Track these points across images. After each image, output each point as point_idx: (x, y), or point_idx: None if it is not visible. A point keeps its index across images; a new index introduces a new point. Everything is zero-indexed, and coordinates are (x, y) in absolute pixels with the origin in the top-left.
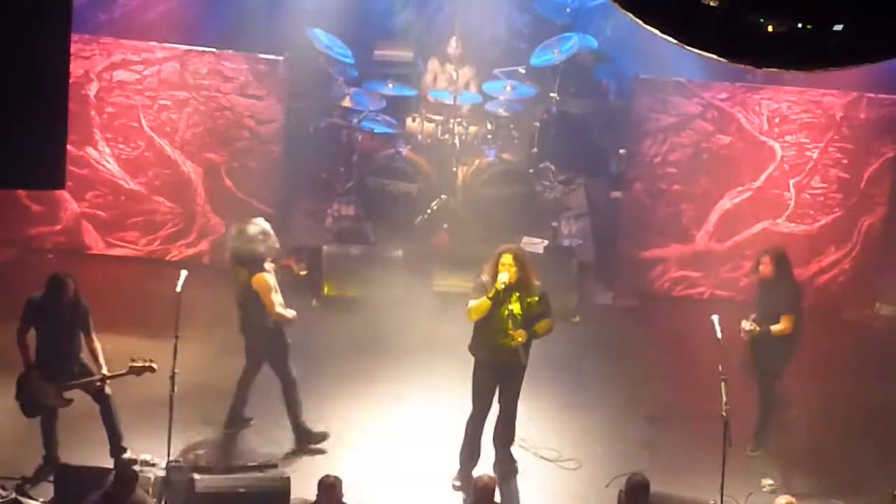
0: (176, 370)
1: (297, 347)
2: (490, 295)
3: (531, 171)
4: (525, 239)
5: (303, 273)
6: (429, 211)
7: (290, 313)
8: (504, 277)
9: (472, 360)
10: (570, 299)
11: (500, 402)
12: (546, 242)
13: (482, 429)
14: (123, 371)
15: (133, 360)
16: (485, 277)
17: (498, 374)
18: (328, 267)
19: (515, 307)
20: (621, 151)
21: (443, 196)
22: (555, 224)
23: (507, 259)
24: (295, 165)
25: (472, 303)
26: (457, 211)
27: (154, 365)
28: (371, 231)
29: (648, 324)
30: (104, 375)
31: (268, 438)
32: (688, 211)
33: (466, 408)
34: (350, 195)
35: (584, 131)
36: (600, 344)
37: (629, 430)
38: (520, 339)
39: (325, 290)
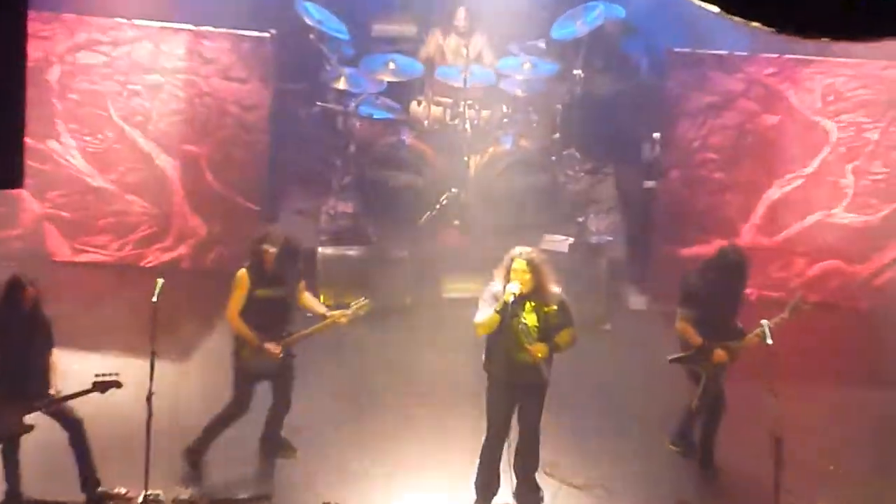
0: (153, 391)
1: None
2: (498, 308)
3: (553, 159)
4: (547, 237)
5: None
6: (437, 206)
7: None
8: (514, 288)
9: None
10: (599, 305)
11: (519, 424)
12: (571, 240)
13: (500, 455)
14: (86, 388)
15: (97, 375)
16: (495, 286)
17: (516, 392)
18: (323, 272)
19: (530, 319)
20: (655, 136)
21: (453, 189)
22: (581, 219)
23: (519, 265)
24: (284, 157)
25: (480, 316)
26: (469, 206)
27: (119, 380)
28: (372, 231)
29: None
30: (61, 396)
31: (259, 468)
32: (731, 202)
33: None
34: (347, 190)
35: (613, 113)
36: (634, 355)
37: (666, 452)
38: (539, 355)
39: (321, 298)
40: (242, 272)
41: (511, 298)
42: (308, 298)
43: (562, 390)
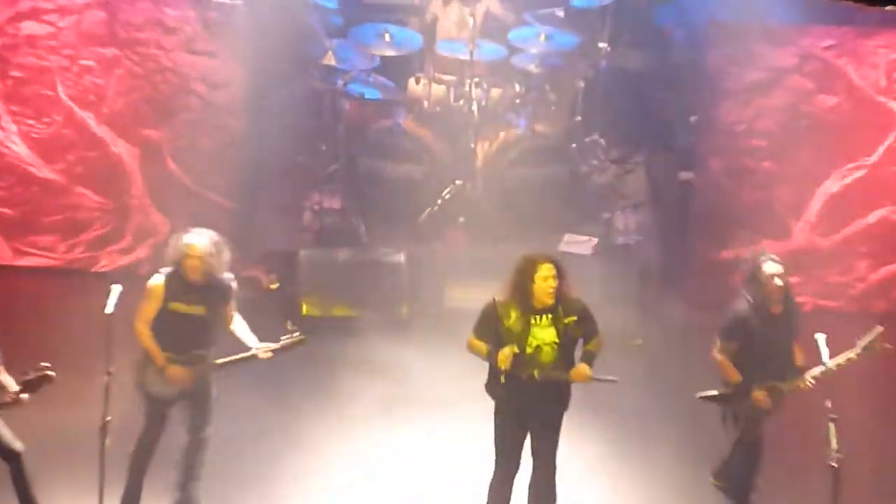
0: (108, 417)
1: (265, 388)
2: (485, 357)
3: (574, 146)
4: (568, 237)
5: (273, 287)
6: (439, 201)
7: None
8: (505, 364)
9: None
10: (629, 316)
11: (533, 455)
12: (595, 241)
13: (510, 491)
14: (14, 390)
15: (23, 374)
16: (498, 299)
17: (527, 418)
18: (307, 278)
19: (548, 334)
20: (692, 119)
21: (457, 181)
22: (606, 216)
23: (548, 271)
24: (260, 144)
25: (472, 343)
26: (476, 201)
27: (51, 373)
28: (363, 230)
29: None
30: None
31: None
32: (782, 196)
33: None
34: (335, 182)
35: (644, 93)
36: (668, 374)
37: (706, 487)
38: (587, 379)
39: (304, 308)
40: (158, 280)
41: (507, 367)
42: (238, 323)
43: (583, 416)
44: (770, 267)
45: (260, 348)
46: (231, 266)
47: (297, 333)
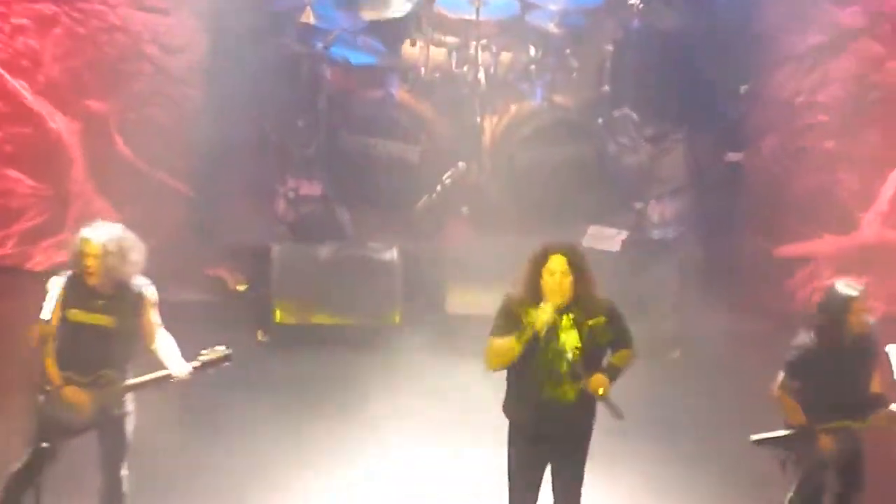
0: (44, 444)
1: (232, 407)
2: (524, 338)
3: (600, 121)
4: (592, 230)
5: (241, 289)
6: (439, 188)
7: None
8: (547, 315)
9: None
10: (666, 323)
11: (553, 489)
12: (625, 234)
13: None
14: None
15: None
16: (514, 294)
17: (547, 446)
18: (281, 279)
19: (570, 338)
20: (742, 89)
21: (461, 164)
22: (639, 205)
23: (557, 264)
24: (225, 118)
25: (492, 342)
26: (482, 187)
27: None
28: (347, 221)
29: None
30: None
31: None
32: (847, 181)
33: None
34: (314, 164)
35: (683, 59)
36: (712, 391)
37: None
38: (601, 391)
39: (277, 315)
40: (56, 283)
41: (545, 328)
42: (161, 339)
43: (611, 442)
44: (849, 296)
45: (179, 371)
46: (187, 263)
47: (221, 347)
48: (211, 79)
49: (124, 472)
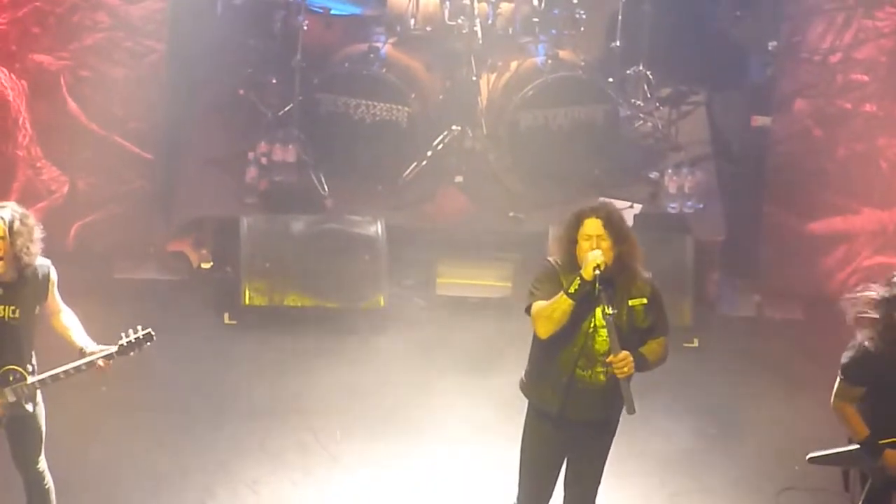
0: None
1: (195, 396)
2: (573, 290)
3: (611, 80)
4: (601, 201)
5: (205, 267)
6: (429, 153)
7: None
8: (597, 256)
9: (514, 415)
10: (684, 307)
11: (566, 482)
12: (639, 208)
13: None
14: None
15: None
16: (555, 260)
17: (569, 434)
18: (251, 255)
19: (608, 313)
20: (770, 46)
21: (454, 127)
22: (654, 175)
23: (593, 227)
24: (190, 76)
25: (541, 305)
26: (479, 153)
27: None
28: (326, 190)
29: (821, 350)
30: None
31: None
32: (889, 150)
33: (499, 498)
34: (289, 127)
35: (704, 10)
36: (735, 387)
37: None
38: (625, 370)
39: (246, 296)
40: None
41: (595, 273)
42: (65, 321)
43: (625, 439)
44: None
45: (96, 352)
46: (147, 237)
47: (140, 328)
48: (174, 31)
49: (42, 466)
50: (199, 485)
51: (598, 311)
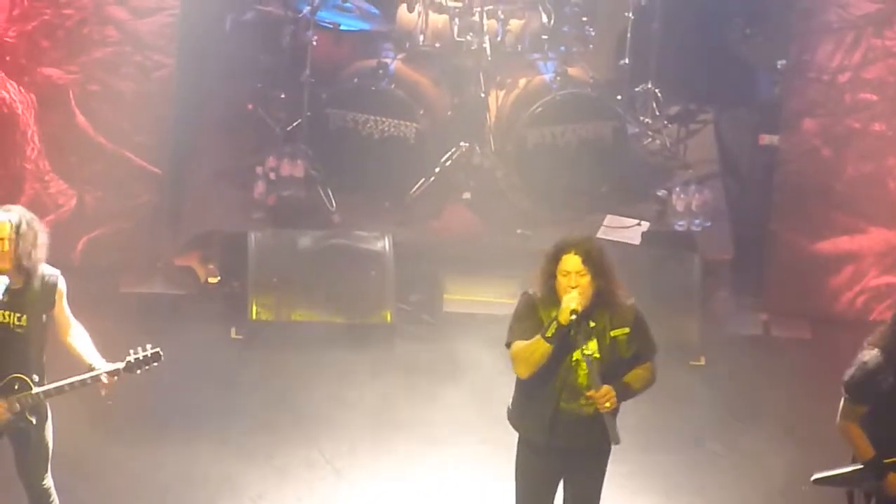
0: None
1: (201, 412)
2: (549, 334)
3: (619, 98)
4: (609, 219)
5: (213, 281)
6: (437, 170)
7: None
8: (573, 304)
9: (514, 437)
10: (690, 326)
11: None
12: (646, 225)
13: None
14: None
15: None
16: (534, 293)
17: (559, 463)
18: (259, 270)
19: (590, 347)
20: (779, 64)
21: (462, 143)
22: (662, 193)
23: (571, 263)
24: (199, 91)
25: (519, 346)
26: (487, 170)
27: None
28: (334, 206)
29: (827, 369)
30: None
31: None
32: None
33: None
34: (297, 143)
35: (713, 29)
36: (741, 406)
37: None
38: (607, 405)
39: (253, 311)
40: None
41: (571, 318)
42: (75, 337)
43: (630, 457)
44: None
45: (101, 370)
46: (154, 252)
47: (150, 346)
48: (183, 46)
49: (48, 482)
50: (203, 499)
51: (586, 346)
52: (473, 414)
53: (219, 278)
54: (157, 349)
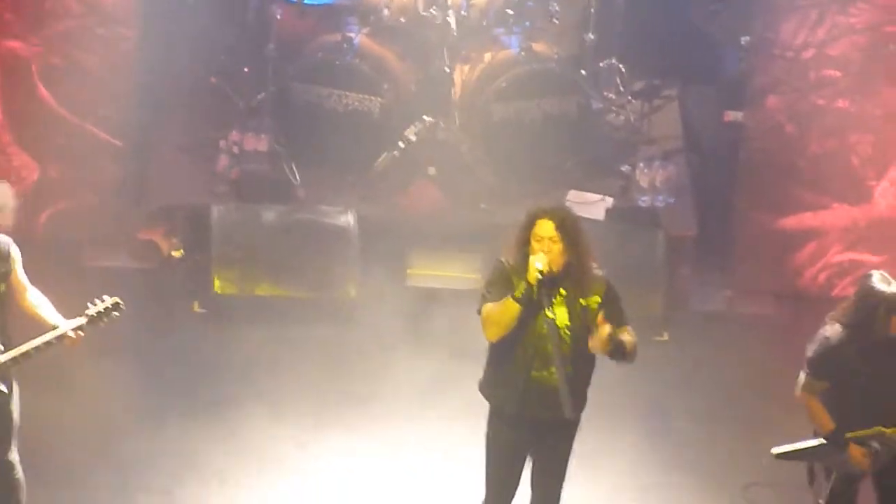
0: None
1: (165, 386)
2: (518, 294)
3: (584, 73)
4: (573, 194)
5: (176, 254)
6: (402, 145)
7: None
8: (540, 263)
9: (483, 407)
10: (654, 302)
11: (532, 483)
12: (610, 201)
13: None
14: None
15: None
16: (507, 261)
17: (530, 434)
18: (222, 244)
19: (561, 314)
20: (744, 41)
21: (427, 118)
22: (626, 168)
23: (545, 229)
24: (164, 63)
25: (489, 308)
26: (452, 145)
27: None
28: (298, 180)
29: (791, 345)
30: None
31: None
32: (861, 147)
33: (468, 490)
34: (261, 116)
35: (677, 5)
36: (704, 382)
37: None
38: (599, 344)
39: (216, 285)
40: None
41: (537, 279)
42: (34, 300)
43: (594, 435)
44: (887, 291)
45: (65, 327)
46: (118, 225)
47: (108, 297)
48: (147, 18)
49: (14, 455)
50: (167, 473)
51: (549, 312)
52: (437, 388)
53: (182, 252)
54: (117, 299)
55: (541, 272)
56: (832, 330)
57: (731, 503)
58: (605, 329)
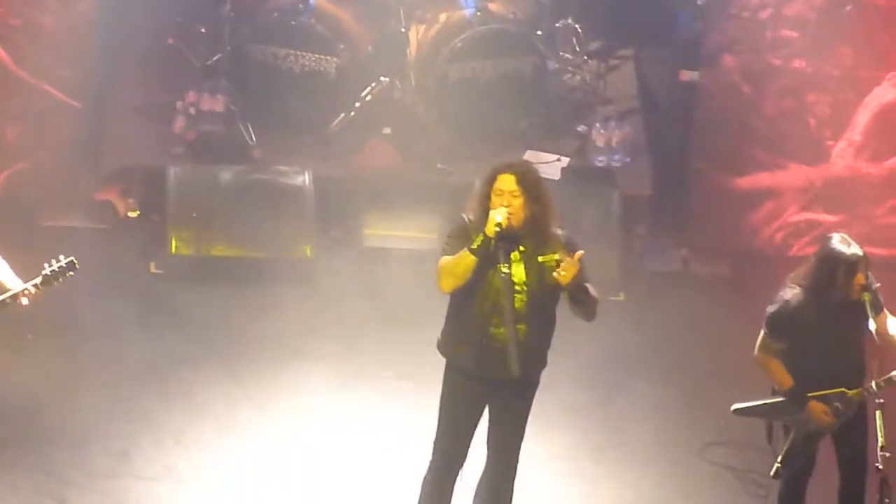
0: None
1: (120, 347)
2: (475, 245)
3: (539, 33)
4: (529, 154)
5: (133, 215)
6: (357, 105)
7: None
8: (499, 216)
9: (439, 366)
10: (610, 262)
11: (489, 443)
12: (566, 161)
13: (451, 489)
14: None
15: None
16: (469, 217)
17: (487, 389)
18: (178, 205)
19: (516, 272)
20: (700, 1)
21: (383, 78)
22: (582, 128)
23: (506, 183)
24: (120, 23)
25: (446, 259)
26: (407, 105)
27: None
28: (254, 141)
29: (746, 305)
30: None
31: None
32: (818, 106)
33: (423, 452)
34: (217, 77)
35: None
36: (661, 341)
37: (705, 485)
38: (563, 273)
39: (173, 245)
40: None
41: (496, 231)
42: None
43: (549, 394)
44: (856, 258)
45: (19, 288)
46: (74, 186)
47: (63, 256)
48: None
49: None
50: (123, 434)
51: (505, 267)
52: (393, 348)
53: (138, 212)
54: (72, 258)
55: (499, 225)
56: (792, 292)
57: (688, 462)
58: (578, 254)
